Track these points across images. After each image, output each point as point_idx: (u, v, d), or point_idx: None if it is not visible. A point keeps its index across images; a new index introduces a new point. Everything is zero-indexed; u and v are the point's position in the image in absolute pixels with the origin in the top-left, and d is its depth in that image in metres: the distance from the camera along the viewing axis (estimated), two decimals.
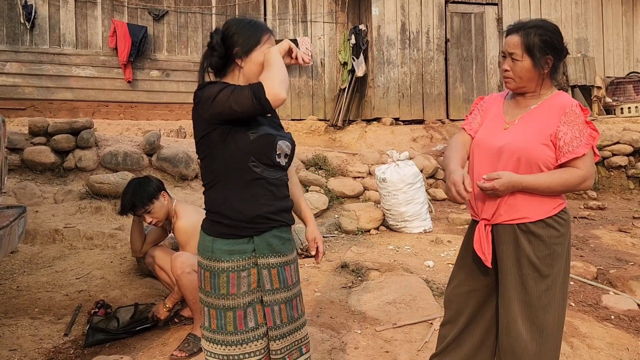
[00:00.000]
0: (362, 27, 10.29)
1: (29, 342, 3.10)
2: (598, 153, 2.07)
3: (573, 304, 3.76)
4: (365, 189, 6.96)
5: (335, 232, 5.72)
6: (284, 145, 1.90)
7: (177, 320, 3.43)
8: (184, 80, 9.91)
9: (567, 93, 2.18)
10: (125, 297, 3.73)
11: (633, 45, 12.32)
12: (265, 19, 10.34)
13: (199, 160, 1.91)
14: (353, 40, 10.31)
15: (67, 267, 4.26)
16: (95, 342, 3.15)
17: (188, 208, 3.33)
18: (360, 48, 10.22)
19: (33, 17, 9.09)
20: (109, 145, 6.30)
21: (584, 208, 7.19)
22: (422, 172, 6.70)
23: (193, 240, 2.92)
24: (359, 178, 7.19)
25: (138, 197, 3.17)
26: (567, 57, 2.15)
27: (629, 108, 10.42)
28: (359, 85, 10.55)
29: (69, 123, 6.13)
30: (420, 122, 10.16)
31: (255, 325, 1.85)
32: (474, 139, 2.23)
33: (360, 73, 10.18)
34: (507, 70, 2.10)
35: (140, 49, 9.58)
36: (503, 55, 2.13)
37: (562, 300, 2.08)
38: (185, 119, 9.70)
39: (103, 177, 5.62)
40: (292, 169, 2.09)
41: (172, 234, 3.48)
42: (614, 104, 10.76)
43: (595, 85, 10.59)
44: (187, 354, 2.93)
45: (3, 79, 8.98)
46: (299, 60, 1.92)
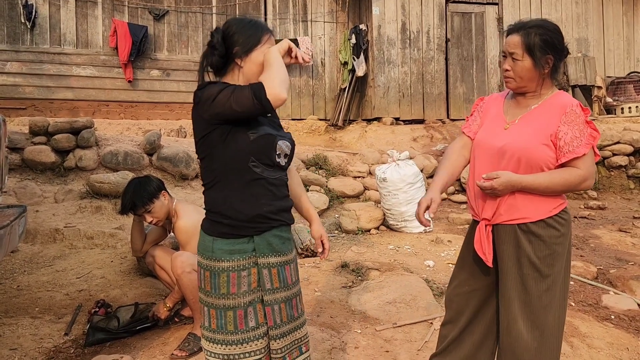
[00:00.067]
0: (362, 26, 10.29)
1: (30, 341, 3.11)
2: (598, 153, 2.07)
3: (573, 304, 3.76)
4: (366, 189, 6.96)
5: (336, 231, 5.72)
6: (284, 145, 1.90)
7: (177, 320, 3.43)
8: (185, 80, 9.91)
9: (567, 93, 2.17)
10: (126, 296, 3.73)
11: (633, 45, 12.32)
12: (266, 19, 10.34)
13: (199, 160, 1.91)
14: (353, 40, 10.30)
15: (67, 266, 4.27)
16: (96, 341, 3.15)
17: (188, 208, 3.33)
18: (361, 48, 10.21)
19: (33, 16, 9.09)
20: (110, 145, 6.31)
21: (584, 208, 7.18)
22: (422, 171, 6.70)
23: (193, 240, 2.92)
24: (359, 178, 7.19)
25: (138, 196, 3.17)
26: (567, 57, 2.15)
27: (630, 108, 10.41)
28: (360, 85, 10.55)
29: (70, 122, 6.14)
30: (421, 121, 10.16)
31: (256, 325, 1.85)
32: (475, 140, 2.23)
33: (361, 73, 10.17)
34: (507, 70, 2.10)
35: (141, 49, 9.58)
36: (504, 55, 2.13)
37: (562, 300, 2.08)
38: (186, 119, 9.70)
39: (103, 176, 5.62)
40: (293, 168, 2.09)
41: (172, 234, 3.48)
42: (615, 104, 10.75)
43: (596, 85, 10.57)
44: (187, 354, 2.93)
45: (4, 79, 8.98)
46: (299, 60, 1.92)
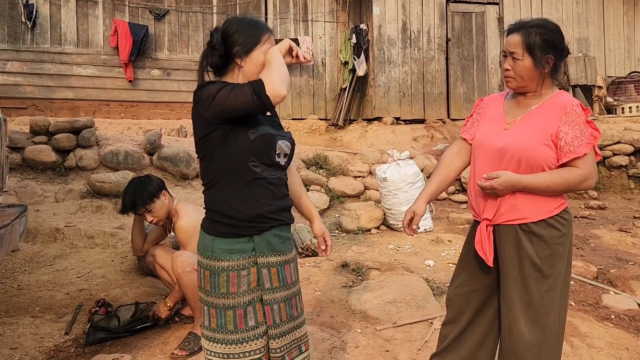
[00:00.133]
0: (363, 26, 10.29)
1: (30, 340, 3.11)
2: (599, 152, 2.07)
3: (573, 304, 3.76)
4: (366, 189, 6.96)
5: (336, 231, 5.72)
6: (284, 145, 1.90)
7: (177, 319, 3.43)
8: (185, 80, 9.91)
9: (568, 93, 2.17)
10: (126, 295, 3.74)
11: (634, 45, 12.31)
12: (266, 18, 10.34)
13: (199, 160, 1.91)
14: (354, 40, 10.30)
15: (68, 265, 4.27)
16: (96, 340, 3.15)
17: (189, 207, 3.34)
18: (361, 47, 10.21)
19: (34, 16, 9.09)
20: (110, 145, 6.31)
21: (585, 208, 7.18)
22: (422, 171, 6.70)
23: (194, 239, 2.92)
24: (360, 177, 7.19)
25: (139, 196, 3.17)
26: (568, 56, 2.15)
27: (630, 108, 10.41)
28: (360, 85, 10.55)
29: (70, 122, 6.14)
30: (421, 121, 10.16)
31: (255, 324, 1.85)
32: (475, 140, 2.23)
33: (361, 72, 10.17)
34: (508, 70, 2.10)
35: (141, 48, 9.58)
36: (504, 55, 2.12)
37: (563, 300, 2.08)
38: (186, 118, 9.70)
39: (104, 176, 5.62)
40: (293, 167, 2.09)
41: (172, 233, 3.48)
42: (615, 104, 10.75)
43: (597, 85, 10.57)
44: (187, 353, 2.93)
45: (4, 78, 8.99)
46: (300, 59, 1.92)
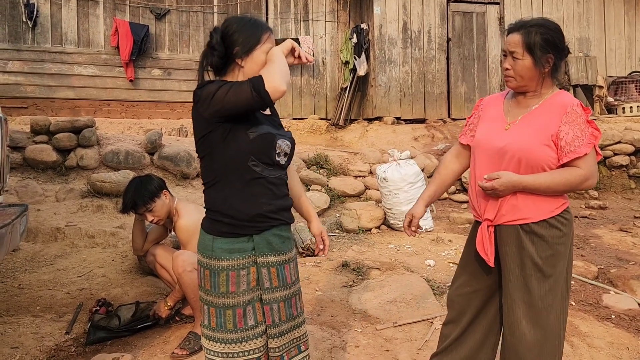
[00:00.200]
0: (363, 26, 10.28)
1: (31, 339, 3.11)
2: (600, 152, 2.06)
3: (574, 303, 3.76)
4: (367, 188, 6.96)
5: (337, 231, 5.72)
6: (284, 144, 1.90)
7: (178, 319, 3.44)
8: (186, 79, 9.91)
9: (568, 92, 2.17)
10: (127, 295, 3.74)
11: (635, 45, 12.29)
12: (267, 18, 10.34)
13: (199, 160, 1.91)
14: (355, 39, 10.29)
15: (68, 265, 4.27)
16: (97, 340, 3.16)
17: (189, 207, 3.34)
18: (362, 47, 10.20)
19: (35, 15, 9.09)
20: (111, 144, 6.31)
21: (585, 207, 7.18)
22: (423, 171, 6.70)
23: (194, 239, 2.91)
24: (360, 177, 7.19)
25: (139, 195, 3.18)
26: (569, 56, 2.15)
27: (631, 107, 10.40)
28: (361, 84, 10.54)
29: (71, 122, 6.14)
30: (422, 121, 10.15)
31: (255, 324, 1.86)
32: (475, 140, 2.23)
33: (362, 72, 10.16)
34: (507, 69, 2.10)
35: (142, 48, 9.58)
36: (504, 54, 2.12)
37: (564, 300, 2.08)
38: (187, 118, 9.69)
39: (105, 175, 5.63)
40: (292, 167, 2.09)
41: (173, 233, 3.49)
42: (616, 104, 10.74)
43: (597, 85, 10.56)
44: (188, 352, 2.93)
45: (5, 78, 8.99)
46: (302, 59, 1.92)
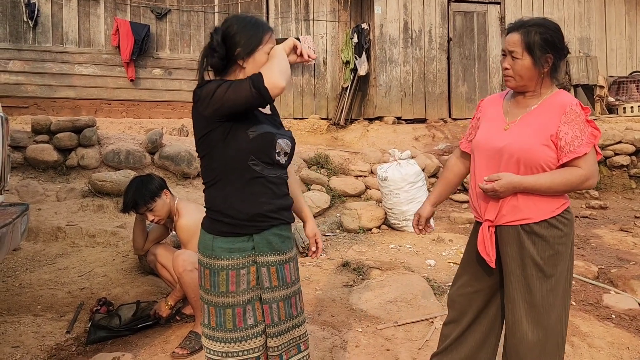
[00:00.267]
0: (364, 25, 10.28)
1: (31, 339, 3.12)
2: (600, 151, 2.06)
3: (574, 303, 3.76)
4: (367, 188, 6.97)
5: (337, 230, 5.72)
6: (284, 144, 1.90)
7: (178, 318, 3.44)
8: (187, 79, 9.91)
9: (567, 92, 2.17)
10: (127, 294, 3.74)
11: (636, 45, 12.28)
12: (268, 18, 10.35)
13: (199, 159, 1.91)
14: (355, 39, 10.29)
15: (69, 264, 4.28)
16: (97, 339, 3.16)
17: (190, 206, 3.34)
18: (363, 47, 10.20)
19: (36, 15, 9.10)
20: (112, 144, 6.32)
21: (586, 207, 7.17)
22: (423, 171, 6.70)
23: (195, 238, 2.91)
24: (361, 177, 7.19)
25: (140, 195, 3.18)
26: (569, 56, 2.16)
27: (632, 107, 10.39)
28: (361, 84, 10.54)
29: (72, 121, 6.15)
30: (423, 121, 10.15)
31: (254, 323, 1.86)
32: (474, 141, 2.23)
33: (363, 72, 10.17)
34: (507, 69, 2.10)
35: (143, 48, 9.58)
36: (503, 54, 2.12)
37: (565, 300, 2.08)
38: (188, 118, 9.69)
39: (105, 175, 5.63)
40: (291, 168, 2.08)
41: (174, 232, 3.49)
42: (617, 104, 10.73)
43: (598, 85, 10.55)
44: (188, 352, 2.94)
45: (6, 77, 9.00)
46: (305, 57, 1.91)
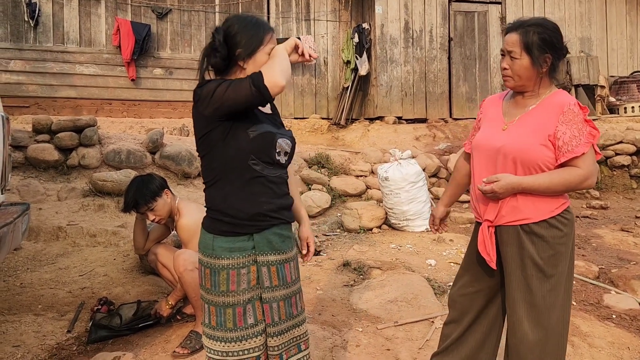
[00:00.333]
0: (365, 25, 10.28)
1: (32, 338, 3.12)
2: (599, 151, 2.06)
3: (575, 303, 3.76)
4: (368, 188, 6.97)
5: (338, 230, 5.73)
6: (284, 143, 1.90)
7: (179, 318, 3.44)
8: (187, 79, 9.91)
9: (566, 91, 2.16)
10: (128, 294, 3.75)
11: (637, 45, 12.26)
12: (269, 18, 10.35)
13: (200, 159, 1.91)
14: (356, 39, 10.29)
15: (70, 264, 4.28)
16: (98, 338, 3.17)
17: (191, 206, 3.35)
18: (364, 46, 10.20)
19: (37, 15, 9.11)
20: (112, 143, 6.32)
21: (587, 207, 7.17)
22: (424, 170, 6.70)
23: (195, 238, 2.90)
24: (362, 177, 7.20)
25: (141, 194, 3.19)
26: (570, 56, 2.16)
27: (633, 107, 10.38)
28: (362, 84, 10.55)
29: (73, 121, 6.16)
30: (423, 120, 10.15)
31: (255, 322, 1.86)
32: (474, 141, 2.24)
33: (364, 72, 10.17)
34: (505, 69, 2.10)
35: (144, 47, 9.59)
36: (502, 54, 2.12)
37: (566, 300, 2.08)
38: (189, 117, 9.70)
39: (106, 174, 5.64)
40: (290, 168, 2.08)
41: (174, 232, 3.49)
42: (618, 104, 10.72)
43: (599, 85, 10.53)
44: (189, 351, 2.94)
45: (7, 77, 9.01)
46: (306, 57, 1.90)
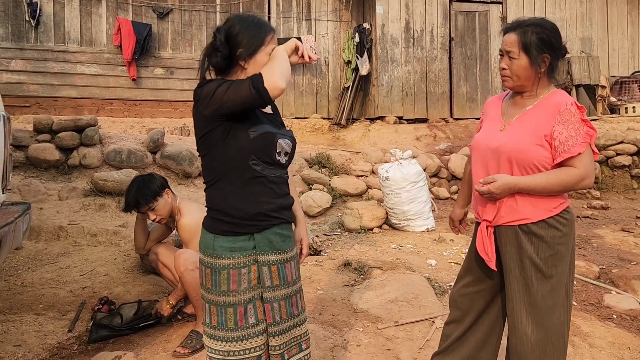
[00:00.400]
0: (366, 25, 10.28)
1: (33, 337, 3.13)
2: (596, 151, 2.05)
3: (575, 303, 3.76)
4: (369, 188, 6.97)
5: (338, 230, 5.73)
6: (284, 144, 1.90)
7: (180, 317, 3.45)
8: (188, 78, 9.92)
9: (564, 91, 2.16)
10: (129, 293, 3.75)
11: (638, 45, 12.26)
12: (269, 17, 10.35)
13: (200, 158, 1.91)
14: (357, 39, 10.29)
15: (71, 263, 4.29)
16: (99, 338, 3.17)
17: (191, 205, 3.35)
18: (364, 46, 10.20)
19: (38, 14, 9.12)
20: (113, 143, 6.33)
21: (587, 207, 7.17)
22: (425, 170, 6.70)
23: (196, 238, 2.90)
24: (362, 176, 7.20)
25: (142, 194, 3.19)
26: (572, 56, 2.16)
27: (634, 107, 10.37)
28: (363, 84, 10.55)
29: (74, 120, 6.17)
30: (424, 120, 10.15)
31: (256, 322, 1.86)
32: (473, 141, 2.24)
33: (364, 71, 10.17)
34: (504, 69, 2.10)
35: (145, 47, 9.60)
36: (501, 54, 2.12)
37: (567, 301, 2.07)
38: (190, 117, 9.70)
39: (107, 174, 5.65)
40: (290, 169, 2.09)
41: (175, 231, 3.50)
42: (619, 104, 10.71)
43: (600, 85, 10.51)
44: (189, 351, 2.95)
45: (8, 77, 9.02)
46: (306, 58, 1.91)
